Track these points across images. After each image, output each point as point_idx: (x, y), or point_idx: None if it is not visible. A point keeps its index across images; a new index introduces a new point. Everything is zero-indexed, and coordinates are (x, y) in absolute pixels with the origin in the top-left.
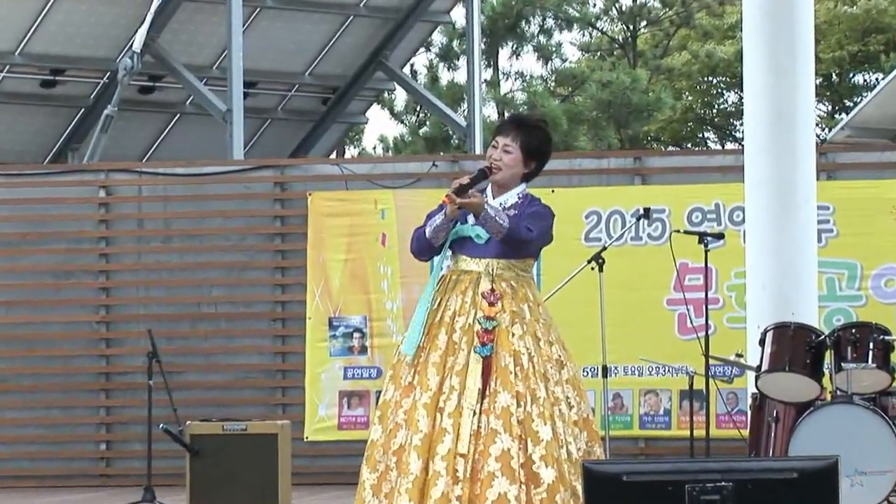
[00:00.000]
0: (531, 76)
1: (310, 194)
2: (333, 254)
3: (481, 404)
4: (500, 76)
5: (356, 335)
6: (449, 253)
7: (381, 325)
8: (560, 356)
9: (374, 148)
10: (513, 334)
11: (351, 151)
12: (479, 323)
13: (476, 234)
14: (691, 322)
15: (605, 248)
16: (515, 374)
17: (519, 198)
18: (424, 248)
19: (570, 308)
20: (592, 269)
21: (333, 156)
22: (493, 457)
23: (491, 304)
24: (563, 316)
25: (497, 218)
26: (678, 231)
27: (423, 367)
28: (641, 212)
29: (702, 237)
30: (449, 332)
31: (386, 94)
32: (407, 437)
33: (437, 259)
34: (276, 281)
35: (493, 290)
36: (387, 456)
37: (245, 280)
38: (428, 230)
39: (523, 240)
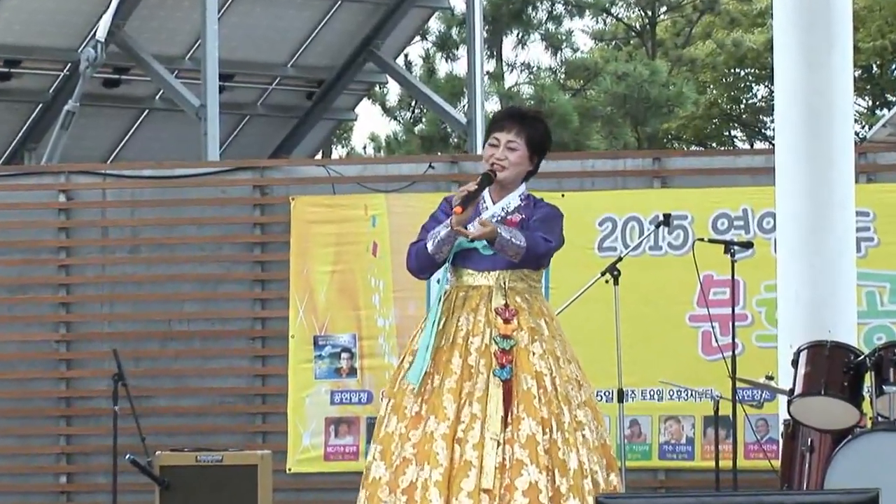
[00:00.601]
0: (538, 68)
1: (293, 199)
2: (319, 265)
3: (503, 433)
4: (504, 68)
5: (344, 356)
6: (448, 267)
7: (372, 345)
8: (577, 375)
9: (365, 147)
10: (532, 353)
11: (339, 151)
12: (496, 343)
13: (484, 244)
14: (717, 341)
15: (620, 259)
16: (539, 397)
17: (521, 200)
18: (426, 265)
19: (581, 325)
20: (607, 281)
21: (319, 156)
22: (520, 490)
23: (506, 322)
24: (574, 334)
25: (513, 240)
26: (702, 240)
27: (435, 394)
28: (661, 218)
29: (728, 246)
30: (463, 355)
31: (377, 88)
32: (421, 473)
33: (436, 274)
34: (256, 295)
35: (507, 305)
36: (394, 496)
37: (221, 294)
38: (430, 245)
39: (543, 254)
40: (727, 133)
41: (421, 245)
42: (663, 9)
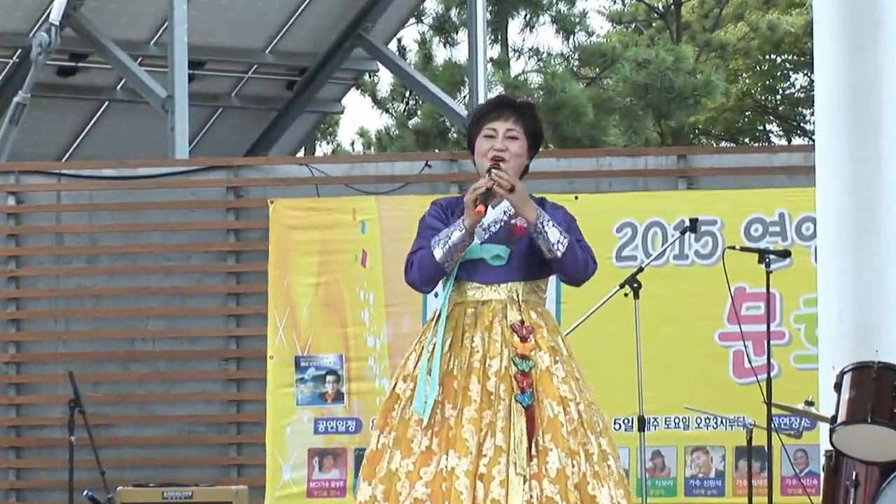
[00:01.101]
0: (548, 54)
1: (271, 202)
2: (301, 276)
3: (529, 466)
4: (510, 54)
5: (330, 379)
6: (450, 280)
7: (361, 367)
8: (593, 400)
9: (353, 144)
10: (555, 376)
11: (323, 148)
12: (515, 364)
13: (494, 254)
14: (750, 362)
15: (641, 270)
16: (566, 426)
17: None
18: (432, 276)
19: (597, 344)
20: (626, 295)
21: (301, 154)
22: None
23: (523, 340)
24: (588, 354)
25: (556, 227)
26: (733, 248)
27: (454, 426)
28: (687, 224)
29: (763, 255)
30: (482, 380)
31: (367, 77)
32: None
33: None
34: (230, 310)
35: (523, 322)
36: None
37: (190, 309)
38: (438, 252)
39: (580, 258)
40: (761, 127)
41: (425, 253)
42: None
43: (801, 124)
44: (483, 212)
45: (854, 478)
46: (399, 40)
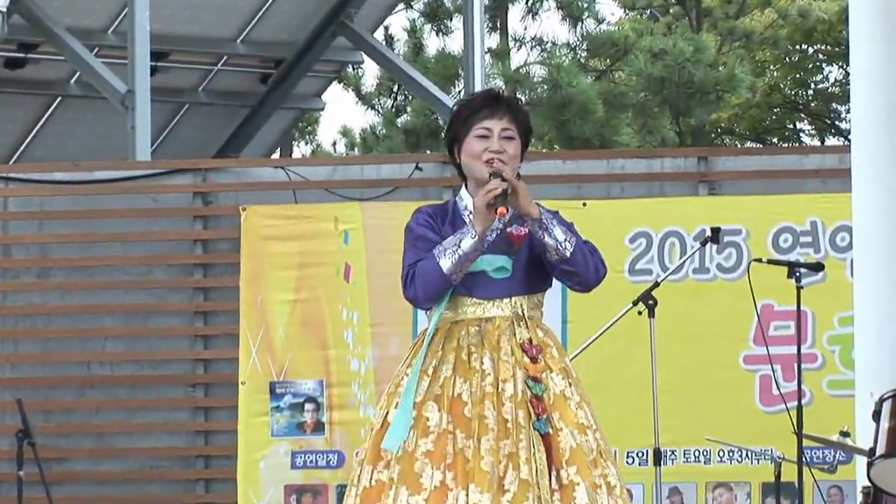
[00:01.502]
0: (553, 43)
1: (243, 209)
2: (277, 293)
3: (552, 501)
4: (511, 43)
5: (309, 407)
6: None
7: (344, 394)
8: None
9: (335, 144)
10: (571, 400)
11: (302, 149)
12: (529, 388)
13: (497, 266)
14: (778, 388)
15: (657, 285)
16: (588, 456)
17: None
18: (438, 291)
19: (607, 368)
20: (640, 313)
21: (277, 155)
22: None
23: (534, 361)
24: (598, 378)
25: (561, 226)
26: (759, 260)
27: (472, 457)
28: (708, 233)
29: (793, 269)
30: (497, 406)
31: (350, 69)
32: None
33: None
34: (197, 331)
35: (531, 340)
36: None
37: (153, 330)
38: (447, 263)
39: (590, 258)
40: (791, 126)
41: (429, 265)
42: None
43: (836, 122)
44: (506, 212)
45: None
46: (386, 28)
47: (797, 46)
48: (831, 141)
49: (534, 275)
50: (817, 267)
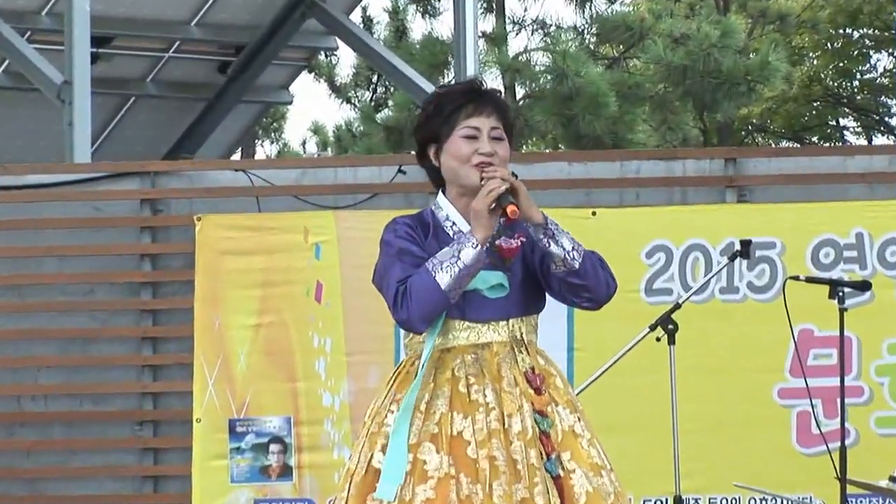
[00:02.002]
0: (558, 27)
1: (199, 219)
2: (237, 316)
3: None
4: (509, 27)
5: (274, 448)
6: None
7: (315, 433)
8: None
9: (304, 144)
10: (582, 437)
11: (267, 149)
12: (537, 423)
13: (493, 283)
14: (818, 426)
15: (678, 307)
16: (606, 501)
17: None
18: (437, 310)
19: (621, 403)
20: (658, 339)
21: (237, 156)
22: None
23: (538, 392)
24: (610, 416)
25: (563, 230)
26: (797, 278)
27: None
28: (737, 247)
29: (835, 288)
30: (505, 445)
31: (322, 57)
32: None
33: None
34: (144, 360)
35: (533, 368)
36: None
37: (94, 359)
38: (445, 277)
39: (600, 270)
40: (833, 122)
41: (423, 281)
42: None
43: (884, 118)
44: (518, 212)
45: None
46: (364, 9)
47: (840, 31)
48: (879, 140)
49: (530, 293)
50: (863, 286)
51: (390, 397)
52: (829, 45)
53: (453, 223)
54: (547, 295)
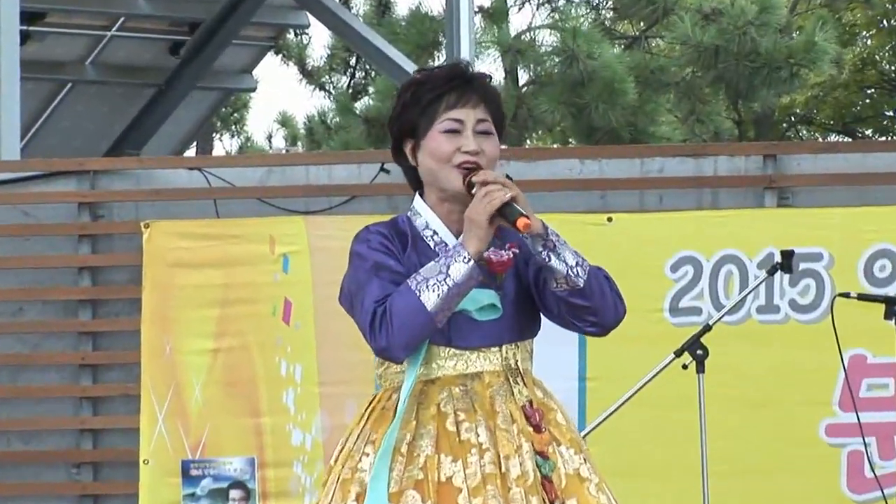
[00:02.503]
0: (568, 1)
1: (146, 226)
2: (192, 339)
3: None
4: (510, 1)
5: (235, 494)
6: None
7: (283, 476)
8: None
9: (270, 138)
10: (589, 482)
11: (226, 144)
12: (538, 467)
13: (484, 304)
14: (872, 468)
15: (708, 329)
16: None
17: None
18: (421, 336)
19: (642, 441)
20: (685, 367)
21: (192, 153)
22: None
23: (537, 430)
24: (629, 455)
25: (566, 243)
26: (847, 295)
27: None
28: (778, 259)
29: (892, 307)
30: (502, 492)
31: (292, 36)
32: None
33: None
34: (83, 391)
35: (531, 402)
36: None
37: (22, 390)
38: (432, 297)
39: (607, 290)
40: (890, 112)
41: (406, 301)
42: None
43: None
44: (531, 226)
45: None
46: None
47: None
48: None
49: (524, 314)
50: None
51: (364, 437)
52: (884, 22)
53: (434, 232)
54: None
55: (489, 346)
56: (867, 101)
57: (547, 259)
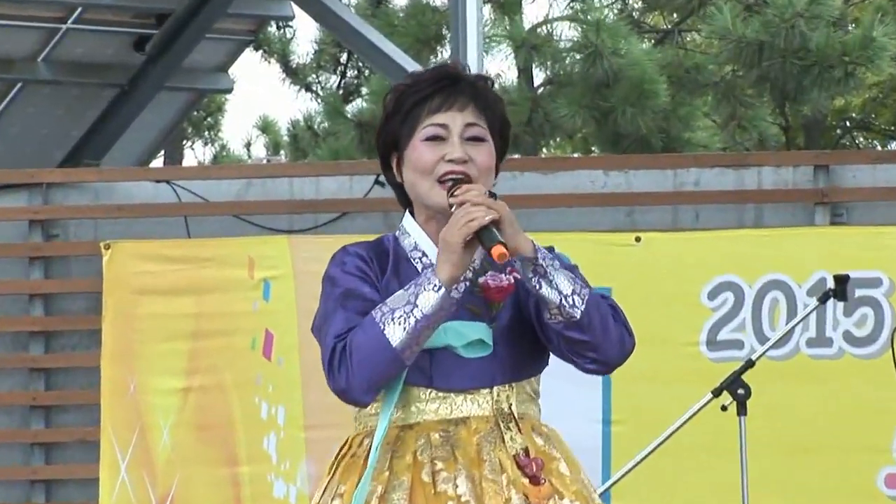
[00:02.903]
0: None
1: (107, 246)
2: (159, 377)
3: None
4: None
5: None
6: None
7: None
8: None
9: (249, 146)
10: None
11: (198, 153)
12: None
13: (471, 339)
14: None
15: (751, 364)
16: None
17: None
18: (385, 375)
19: (675, 492)
20: (724, 408)
21: (159, 162)
22: None
23: (534, 482)
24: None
25: (566, 269)
26: None
27: None
28: (831, 284)
29: None
30: None
31: (274, 29)
32: None
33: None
34: (34, 436)
35: (527, 451)
36: None
37: None
38: (398, 332)
39: (611, 322)
40: None
41: (369, 336)
42: None
43: None
44: (507, 256)
45: None
46: None
47: None
48: None
49: (524, 350)
50: None
51: (332, 491)
52: None
53: (423, 254)
54: None
55: (478, 387)
56: None
57: (538, 286)
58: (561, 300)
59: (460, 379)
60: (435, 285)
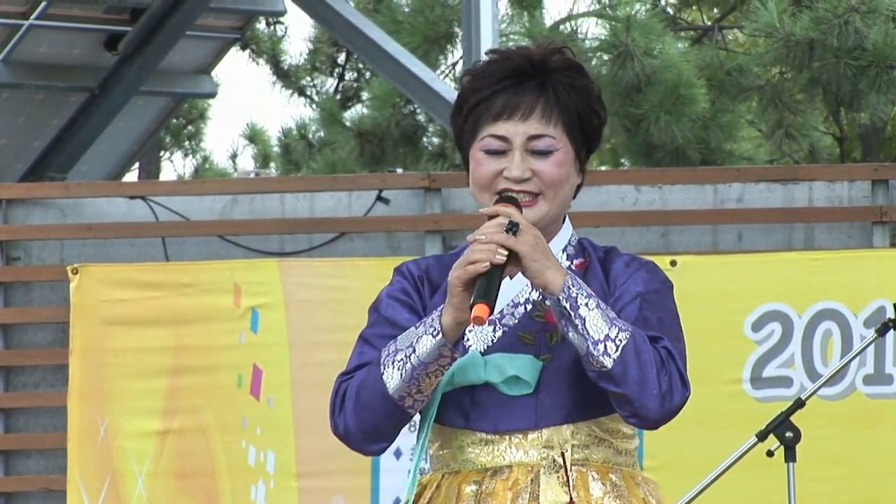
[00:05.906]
0: None
1: (74, 271)
2: (133, 418)
3: None
4: None
5: None
6: (427, 433)
7: None
8: None
9: (235, 157)
10: None
11: (178, 166)
12: None
13: (510, 374)
14: None
15: (801, 404)
16: None
17: (571, 256)
18: (383, 423)
19: None
20: (771, 454)
21: (134, 176)
22: None
23: None
24: None
25: (602, 304)
26: None
27: None
28: (890, 314)
29: None
30: None
31: (263, 26)
32: None
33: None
34: None
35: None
36: None
37: None
38: (395, 376)
39: (651, 374)
40: None
41: (370, 377)
42: None
43: None
44: (487, 315)
45: None
46: None
47: None
48: None
49: (589, 384)
50: None
51: None
52: None
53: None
54: None
55: (525, 429)
56: None
57: (565, 330)
58: (588, 347)
59: (505, 419)
60: (435, 330)
